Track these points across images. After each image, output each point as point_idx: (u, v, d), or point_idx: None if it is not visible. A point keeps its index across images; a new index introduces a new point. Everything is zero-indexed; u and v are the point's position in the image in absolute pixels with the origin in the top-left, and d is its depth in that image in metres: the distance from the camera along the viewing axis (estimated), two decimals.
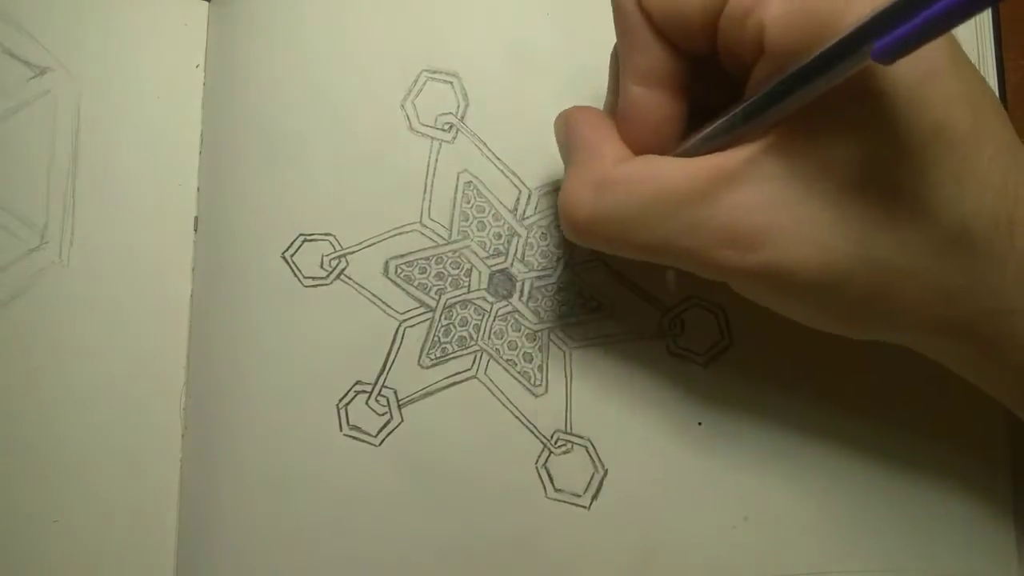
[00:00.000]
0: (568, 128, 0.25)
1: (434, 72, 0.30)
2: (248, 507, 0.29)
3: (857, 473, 0.28)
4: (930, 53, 0.19)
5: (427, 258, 0.30)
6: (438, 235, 0.30)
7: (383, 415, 0.29)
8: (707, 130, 0.23)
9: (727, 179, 0.22)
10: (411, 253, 0.30)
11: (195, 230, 0.30)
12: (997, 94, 0.32)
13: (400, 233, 0.30)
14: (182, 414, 0.30)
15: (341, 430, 0.29)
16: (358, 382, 0.29)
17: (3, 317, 0.29)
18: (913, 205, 0.21)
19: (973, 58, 0.32)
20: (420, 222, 0.30)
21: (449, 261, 0.30)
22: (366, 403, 0.29)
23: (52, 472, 0.29)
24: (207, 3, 0.32)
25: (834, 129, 0.21)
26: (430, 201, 0.30)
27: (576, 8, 0.30)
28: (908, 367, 0.28)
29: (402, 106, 0.30)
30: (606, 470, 0.29)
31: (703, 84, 0.24)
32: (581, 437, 0.29)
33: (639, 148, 0.24)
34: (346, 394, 0.29)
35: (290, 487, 0.29)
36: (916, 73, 0.20)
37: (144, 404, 0.29)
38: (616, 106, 0.25)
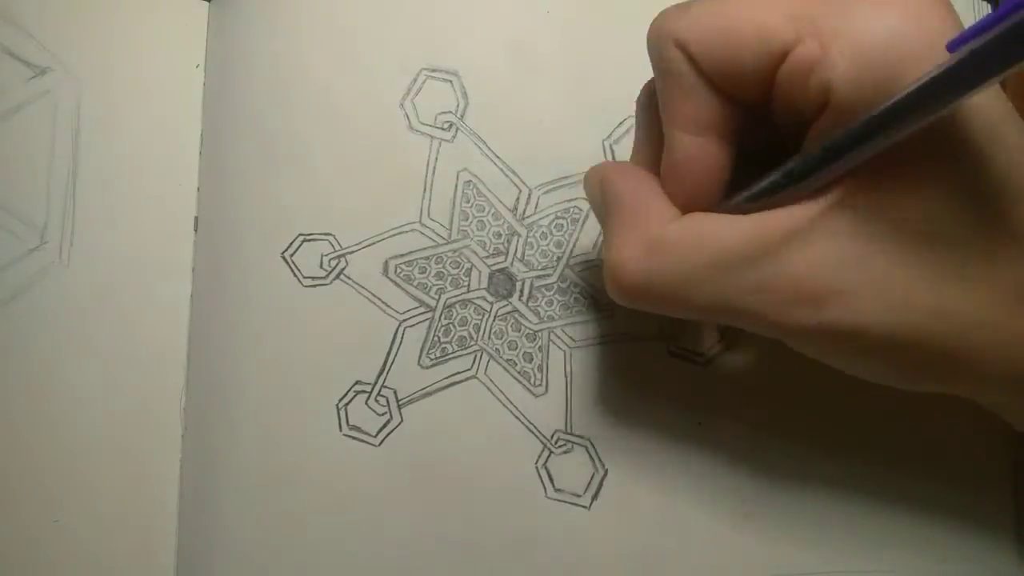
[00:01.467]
0: (606, 185, 0.24)
1: (434, 71, 0.30)
2: (248, 507, 0.28)
3: (857, 473, 0.28)
4: (990, 102, 0.19)
5: (427, 258, 0.30)
6: (438, 235, 0.30)
7: (383, 415, 0.29)
8: (762, 184, 0.22)
9: (793, 238, 0.21)
10: (411, 253, 0.29)
11: (195, 230, 0.30)
12: None
13: (400, 233, 0.30)
14: (182, 414, 0.30)
15: (341, 430, 0.29)
16: (358, 382, 0.29)
17: (3, 317, 0.29)
18: (986, 258, 0.21)
19: None
20: (420, 221, 0.30)
21: (449, 261, 0.30)
22: (366, 403, 0.29)
23: (52, 472, 0.29)
24: (207, 3, 0.32)
25: (903, 183, 0.20)
26: (430, 200, 0.30)
27: (576, 6, 0.30)
28: None
29: (401, 105, 0.30)
30: (606, 470, 0.28)
31: (748, 127, 0.23)
32: (581, 437, 0.29)
33: (687, 200, 0.23)
34: (346, 394, 0.29)
35: (290, 487, 0.28)
36: (981, 127, 0.20)
37: (144, 404, 0.29)
38: (649, 158, 0.24)
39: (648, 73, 0.23)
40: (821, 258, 0.21)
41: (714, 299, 0.22)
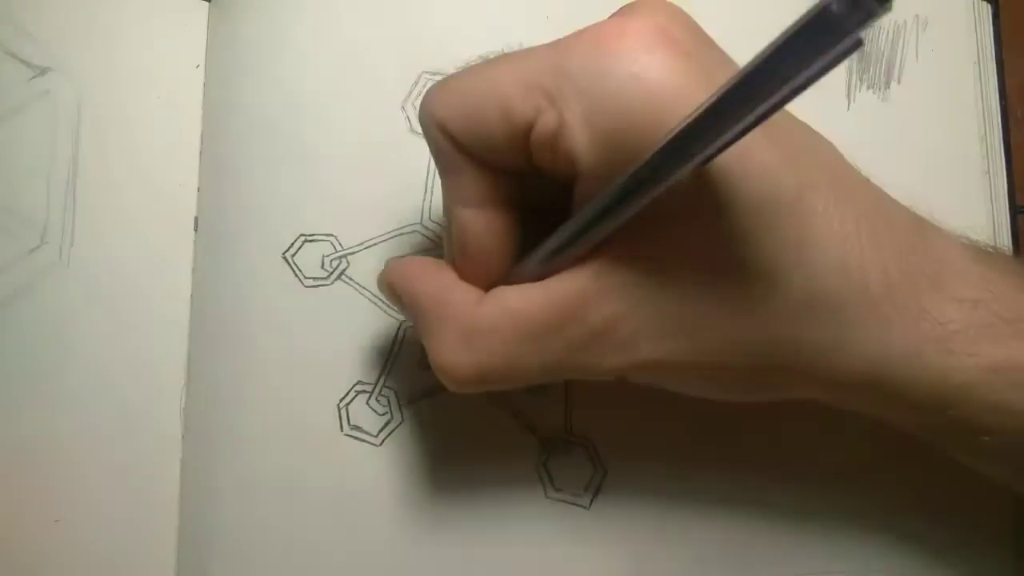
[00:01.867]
0: (403, 286, 0.25)
1: (434, 74, 0.30)
2: (248, 507, 0.29)
3: (857, 473, 0.28)
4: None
5: None
6: (439, 236, 0.30)
7: (384, 415, 0.29)
8: (546, 247, 0.22)
9: (584, 299, 0.22)
10: (412, 253, 0.30)
11: (195, 230, 0.30)
12: (997, 98, 0.32)
13: (401, 234, 0.30)
14: (182, 414, 0.30)
15: (342, 430, 0.29)
16: (359, 382, 0.29)
17: (3, 317, 0.29)
18: (763, 280, 0.21)
19: (972, 59, 0.32)
20: (421, 223, 0.30)
21: None
22: (367, 403, 0.29)
23: (52, 472, 0.29)
24: (207, 3, 0.32)
25: (669, 227, 0.21)
26: (430, 202, 0.30)
27: (576, 11, 0.30)
28: None
29: (402, 107, 0.30)
30: (606, 470, 0.29)
31: (531, 185, 0.23)
32: (581, 437, 0.29)
33: (481, 274, 0.24)
34: (347, 394, 0.29)
35: (290, 487, 0.29)
36: (727, 158, 0.20)
37: (144, 404, 0.29)
38: (448, 255, 0.24)
39: None
40: (614, 311, 0.22)
41: (542, 366, 0.23)
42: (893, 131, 0.31)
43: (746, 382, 0.23)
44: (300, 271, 0.29)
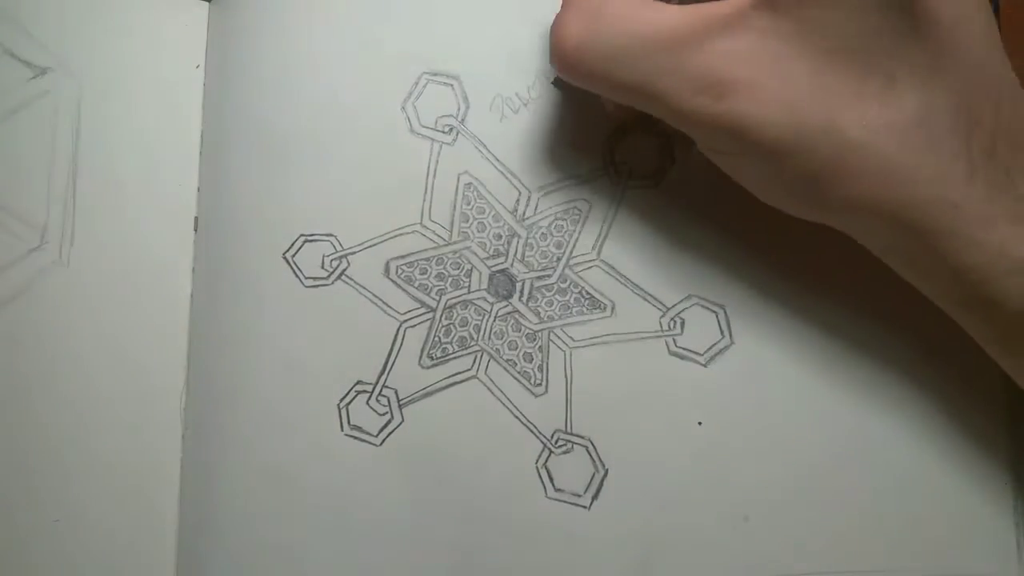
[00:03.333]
0: None
1: (435, 74, 0.30)
2: (248, 507, 0.29)
3: (857, 473, 0.28)
4: None
5: (427, 259, 0.30)
6: (438, 236, 0.30)
7: (384, 415, 0.29)
8: None
9: (714, 27, 0.23)
10: (412, 254, 0.30)
11: (195, 230, 0.30)
12: None
13: (401, 234, 0.30)
14: (182, 414, 0.30)
15: (342, 430, 0.29)
16: (359, 382, 0.29)
17: (3, 317, 0.29)
18: (884, 83, 0.22)
19: None
20: (421, 223, 0.30)
21: (449, 262, 0.30)
22: (367, 403, 0.29)
23: (52, 472, 0.29)
24: (207, 3, 0.32)
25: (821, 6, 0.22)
26: (430, 202, 0.30)
27: None
28: (908, 366, 0.29)
29: (403, 108, 0.30)
30: (606, 470, 0.29)
31: None
32: (581, 437, 0.29)
33: None
34: (347, 394, 0.29)
35: (290, 487, 0.29)
36: None
37: (144, 404, 0.29)
38: None
39: None
40: (735, 50, 0.23)
41: (634, 77, 0.23)
42: None
43: (808, 180, 0.23)
44: (300, 271, 0.29)
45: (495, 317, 0.29)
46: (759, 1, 0.22)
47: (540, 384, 0.29)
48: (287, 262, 0.29)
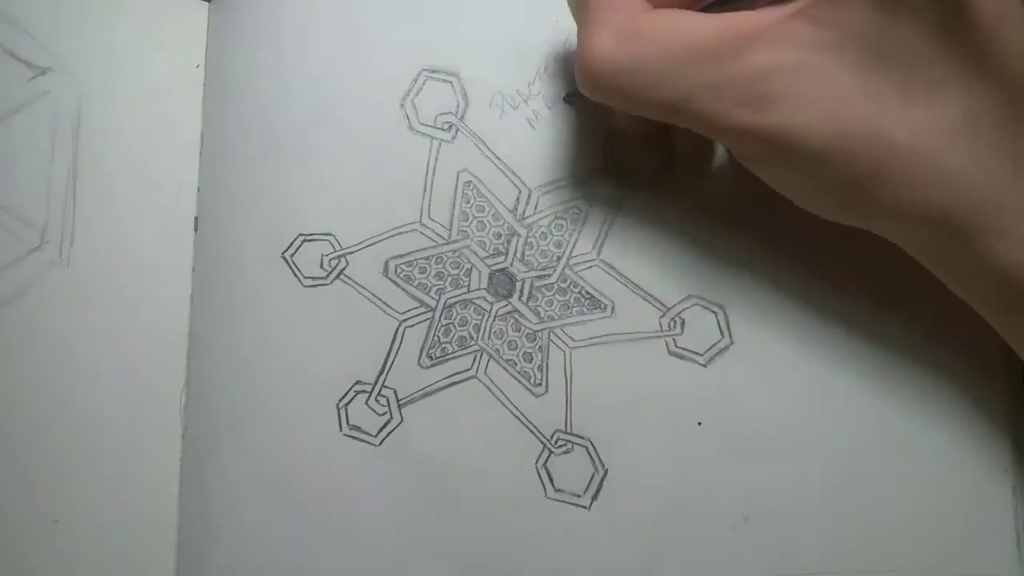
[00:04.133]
0: None
1: (434, 71, 0.30)
2: (248, 507, 0.29)
3: (857, 473, 0.28)
4: None
5: (427, 258, 0.30)
6: (438, 235, 0.30)
7: (383, 415, 0.29)
8: None
9: (753, 39, 0.22)
10: (411, 253, 0.30)
11: (195, 230, 0.30)
12: None
13: (400, 233, 0.30)
14: (182, 414, 0.30)
15: (341, 430, 0.29)
16: (358, 382, 0.29)
17: (3, 317, 0.29)
18: (927, 87, 0.22)
19: None
20: (420, 222, 0.30)
21: (449, 261, 0.30)
22: (366, 403, 0.29)
23: (52, 472, 0.29)
24: (207, 3, 0.32)
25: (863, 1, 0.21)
26: (430, 201, 0.30)
27: None
28: (908, 366, 0.28)
29: (402, 105, 0.30)
30: (606, 470, 0.28)
31: None
32: (581, 437, 0.29)
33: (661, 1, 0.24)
34: (346, 394, 0.29)
35: (290, 487, 0.29)
36: None
37: (144, 404, 0.29)
38: None
39: None
40: (775, 62, 0.22)
41: (673, 93, 0.23)
42: None
43: (852, 187, 0.23)
44: (299, 271, 0.29)
45: (495, 317, 0.29)
46: (798, 13, 0.22)
47: (540, 384, 0.29)
48: (286, 262, 0.29)
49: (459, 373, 0.29)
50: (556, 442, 0.29)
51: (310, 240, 0.29)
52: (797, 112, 0.22)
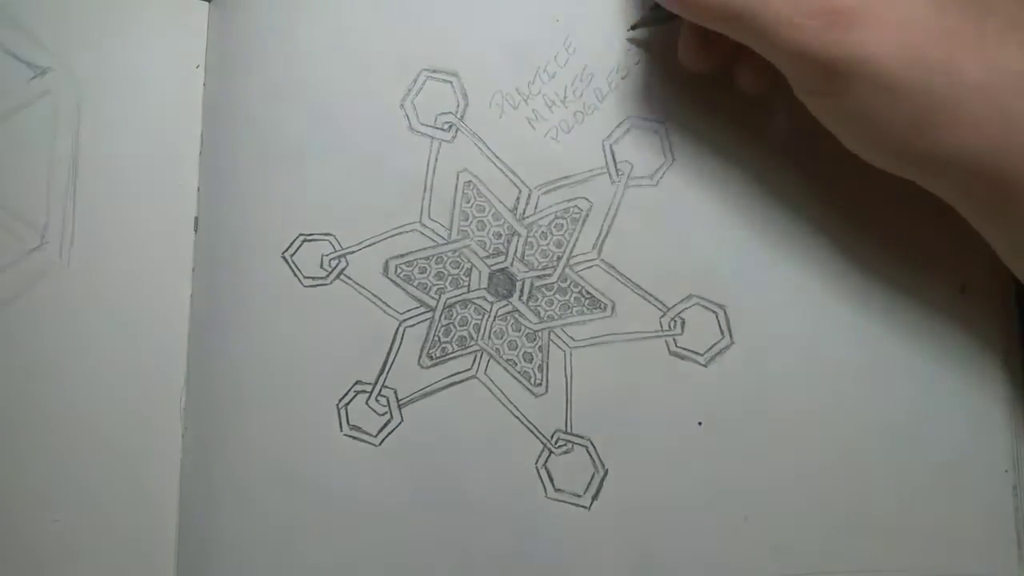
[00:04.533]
0: None
1: (434, 71, 0.30)
2: (248, 507, 0.29)
3: (857, 473, 0.28)
4: None
5: (427, 258, 0.30)
6: (438, 235, 0.30)
7: (383, 415, 0.29)
8: None
9: None
10: (411, 253, 0.30)
11: (195, 230, 0.30)
12: None
13: (400, 233, 0.30)
14: (182, 414, 0.30)
15: (341, 430, 0.29)
16: (358, 382, 0.29)
17: (3, 317, 0.29)
18: (1004, 24, 0.22)
19: None
20: (420, 222, 0.30)
21: (449, 261, 0.30)
22: (366, 403, 0.29)
23: (52, 472, 0.29)
24: (207, 3, 0.32)
25: None
26: (430, 201, 0.30)
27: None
28: (908, 366, 0.28)
29: (402, 105, 0.30)
30: (606, 470, 0.28)
31: None
32: (581, 437, 0.29)
33: None
34: (346, 394, 0.29)
35: (290, 487, 0.29)
36: None
37: (144, 404, 0.29)
38: None
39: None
40: None
41: (748, 3, 0.23)
42: None
43: (916, 125, 0.22)
44: (299, 271, 0.29)
45: (495, 316, 0.29)
46: None
47: (540, 384, 0.29)
48: (286, 262, 0.29)
49: (459, 373, 0.29)
50: (556, 442, 0.29)
51: (310, 240, 0.29)
52: (871, 33, 0.22)
